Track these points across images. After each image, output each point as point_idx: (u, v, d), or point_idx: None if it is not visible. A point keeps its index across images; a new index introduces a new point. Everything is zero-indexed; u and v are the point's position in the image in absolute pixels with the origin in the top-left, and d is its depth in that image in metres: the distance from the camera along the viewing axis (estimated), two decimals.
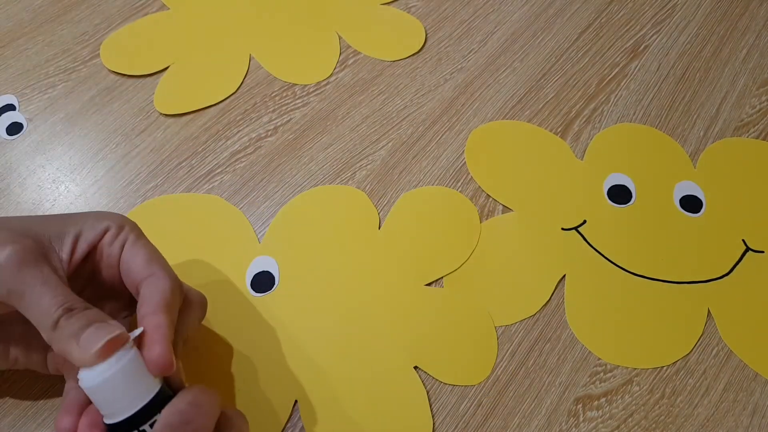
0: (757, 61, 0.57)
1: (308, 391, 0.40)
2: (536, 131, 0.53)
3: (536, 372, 0.42)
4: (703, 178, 0.50)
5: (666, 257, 0.46)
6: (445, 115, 0.54)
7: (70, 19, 0.60)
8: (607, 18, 0.61)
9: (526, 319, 0.43)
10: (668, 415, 0.40)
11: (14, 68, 0.56)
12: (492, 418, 0.40)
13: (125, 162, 0.51)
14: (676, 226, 0.47)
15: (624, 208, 0.48)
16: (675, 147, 0.52)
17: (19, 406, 0.40)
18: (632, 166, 0.50)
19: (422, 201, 0.49)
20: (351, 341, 0.42)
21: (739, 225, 0.47)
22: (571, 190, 0.49)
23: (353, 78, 0.56)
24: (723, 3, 0.62)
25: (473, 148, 0.52)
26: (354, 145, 0.52)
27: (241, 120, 0.54)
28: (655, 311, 0.44)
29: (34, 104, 0.54)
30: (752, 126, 0.53)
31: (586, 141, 0.52)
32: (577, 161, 0.51)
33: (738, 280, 0.45)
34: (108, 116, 0.54)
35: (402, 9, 0.61)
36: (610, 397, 0.41)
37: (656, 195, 0.49)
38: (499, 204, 0.49)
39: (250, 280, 0.44)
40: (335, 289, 0.44)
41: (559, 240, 0.46)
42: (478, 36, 0.59)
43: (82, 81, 0.56)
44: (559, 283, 0.45)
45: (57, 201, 0.49)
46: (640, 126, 0.53)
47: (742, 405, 0.41)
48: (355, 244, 0.46)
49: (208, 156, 0.51)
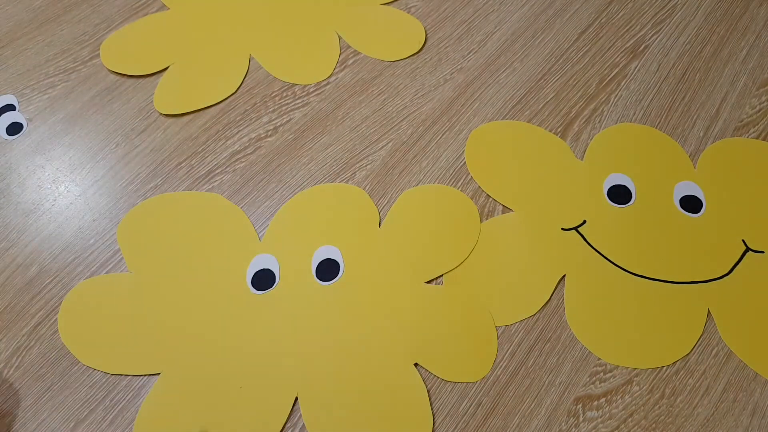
0: (757, 61, 0.57)
1: (309, 388, 0.40)
2: (536, 131, 0.53)
3: (536, 372, 0.42)
4: (703, 178, 0.50)
5: (666, 257, 0.46)
6: (445, 115, 0.54)
7: (70, 19, 0.60)
8: (607, 18, 0.61)
9: (526, 319, 0.43)
10: (668, 415, 0.40)
11: (14, 68, 0.56)
12: (492, 418, 0.40)
13: (125, 162, 0.51)
14: (676, 226, 0.47)
15: (624, 208, 0.48)
16: (675, 147, 0.52)
17: (19, 406, 0.40)
18: (632, 166, 0.50)
19: (422, 199, 0.49)
20: (351, 337, 0.42)
21: (739, 225, 0.47)
22: (571, 191, 0.49)
23: (353, 78, 0.56)
24: (723, 3, 0.62)
25: (473, 148, 0.51)
26: (354, 145, 0.52)
27: (241, 120, 0.54)
28: (655, 311, 0.44)
29: (34, 104, 0.54)
30: (752, 126, 0.53)
31: (586, 141, 0.52)
32: (577, 161, 0.51)
33: (738, 280, 0.45)
34: (108, 116, 0.54)
35: (402, 9, 0.61)
36: (610, 397, 0.41)
37: (656, 195, 0.49)
38: (499, 204, 0.48)
39: (250, 278, 0.44)
40: (335, 286, 0.44)
41: (559, 240, 0.46)
42: (478, 36, 0.59)
43: (82, 81, 0.56)
44: (559, 283, 0.45)
45: (57, 201, 0.49)
46: (640, 126, 0.53)
47: (741, 405, 0.41)
48: (356, 241, 0.46)
49: (208, 156, 0.51)
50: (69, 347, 0.42)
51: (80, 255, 0.46)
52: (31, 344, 0.43)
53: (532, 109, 0.54)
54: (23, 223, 0.48)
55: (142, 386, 0.41)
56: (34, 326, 0.43)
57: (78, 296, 0.44)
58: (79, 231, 0.48)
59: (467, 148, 0.51)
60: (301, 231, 0.47)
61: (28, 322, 0.43)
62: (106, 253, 0.46)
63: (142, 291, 0.44)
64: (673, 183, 0.49)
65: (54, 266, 0.46)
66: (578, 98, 0.55)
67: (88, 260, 0.46)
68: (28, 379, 0.41)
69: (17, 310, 0.44)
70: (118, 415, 0.40)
